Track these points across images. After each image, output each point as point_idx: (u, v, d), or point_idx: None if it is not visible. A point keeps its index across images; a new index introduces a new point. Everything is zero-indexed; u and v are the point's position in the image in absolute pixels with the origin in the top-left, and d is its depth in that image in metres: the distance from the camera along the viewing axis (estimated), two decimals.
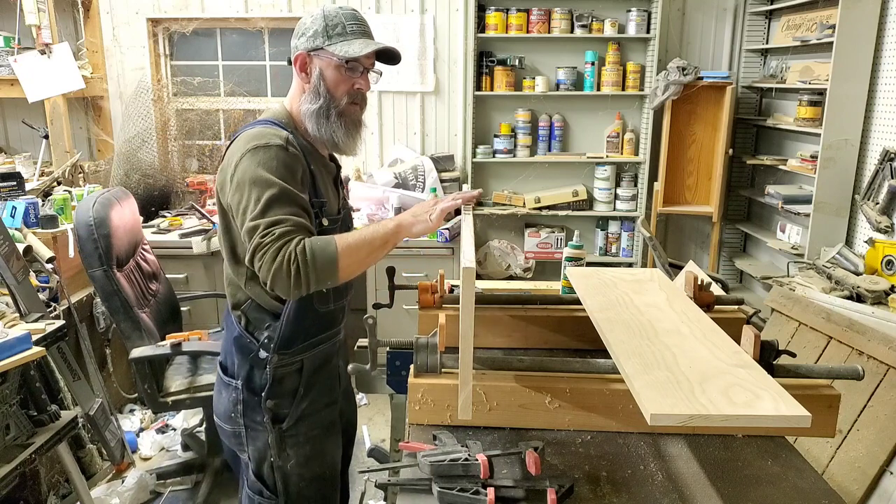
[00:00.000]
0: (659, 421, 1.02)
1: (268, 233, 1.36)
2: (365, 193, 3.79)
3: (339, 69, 1.54)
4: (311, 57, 1.55)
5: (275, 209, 1.38)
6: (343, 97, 1.56)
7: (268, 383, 1.57)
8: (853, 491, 2.13)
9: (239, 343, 1.59)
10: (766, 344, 1.40)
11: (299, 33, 1.56)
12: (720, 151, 3.81)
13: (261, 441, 1.61)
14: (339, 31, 1.53)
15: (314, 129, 1.56)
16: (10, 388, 2.05)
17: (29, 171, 3.51)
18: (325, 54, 1.53)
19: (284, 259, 1.33)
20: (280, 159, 1.44)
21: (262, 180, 1.40)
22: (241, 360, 1.59)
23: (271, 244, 1.35)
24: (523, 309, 1.82)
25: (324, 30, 1.52)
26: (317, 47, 1.53)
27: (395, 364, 1.72)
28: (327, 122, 1.55)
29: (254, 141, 1.45)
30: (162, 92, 3.98)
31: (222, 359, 1.68)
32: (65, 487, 2.57)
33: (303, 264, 1.34)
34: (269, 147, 1.44)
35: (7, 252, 2.29)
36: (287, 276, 1.34)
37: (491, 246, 4.11)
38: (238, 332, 1.58)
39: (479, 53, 3.86)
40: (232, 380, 1.61)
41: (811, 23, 3.36)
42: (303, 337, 1.59)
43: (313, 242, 1.37)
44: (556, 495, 1.16)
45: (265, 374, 1.57)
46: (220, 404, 1.66)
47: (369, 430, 3.29)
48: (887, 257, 2.69)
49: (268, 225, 1.36)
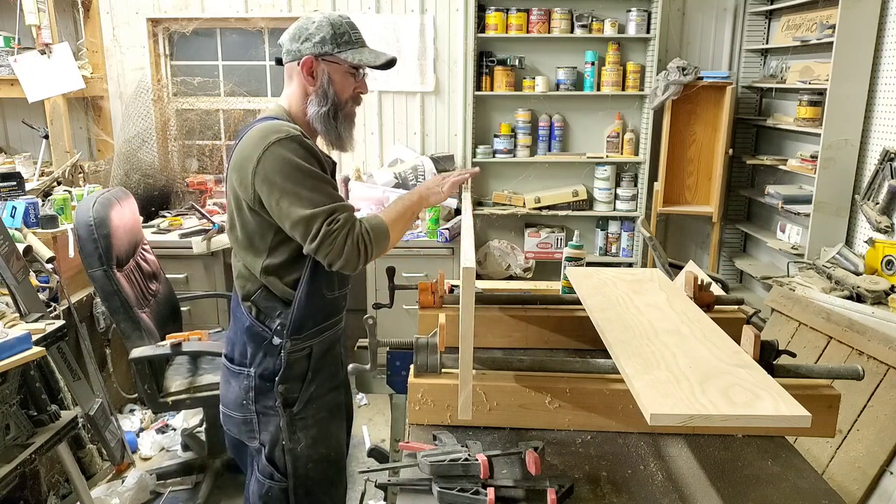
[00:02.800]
0: (659, 421, 1.02)
1: (333, 220, 1.49)
2: (365, 193, 3.79)
3: (347, 74, 1.65)
4: (318, 61, 1.62)
5: (324, 197, 1.51)
6: (348, 100, 1.67)
7: (281, 368, 1.65)
8: (853, 491, 2.13)
9: (251, 332, 1.66)
10: (766, 344, 1.40)
11: (302, 38, 1.62)
12: (720, 151, 3.81)
13: (272, 425, 1.68)
14: (347, 39, 1.63)
15: (322, 129, 1.66)
16: (10, 388, 2.05)
17: (29, 171, 3.51)
18: (335, 60, 1.62)
19: (356, 242, 1.50)
20: (306, 147, 1.54)
21: (298, 170, 1.50)
22: (255, 348, 1.66)
23: (339, 231, 1.49)
24: (523, 309, 1.82)
25: (332, 37, 1.61)
26: (325, 53, 1.61)
27: (395, 364, 1.73)
28: (335, 122, 1.65)
29: (274, 134, 1.51)
30: (162, 92, 3.98)
31: (228, 351, 1.75)
32: (65, 487, 2.57)
33: (369, 243, 1.52)
34: (293, 138, 1.52)
35: (7, 252, 2.29)
36: (358, 256, 1.51)
37: (491, 246, 4.11)
38: (250, 322, 1.66)
39: (479, 53, 3.86)
40: (243, 368, 1.69)
41: (811, 23, 3.36)
42: (312, 322, 1.67)
43: (370, 222, 1.55)
44: (556, 495, 1.16)
45: (278, 360, 1.65)
46: (229, 393, 1.73)
47: (369, 430, 3.29)
48: (887, 257, 2.69)
49: (328, 213, 1.49)
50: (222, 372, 1.78)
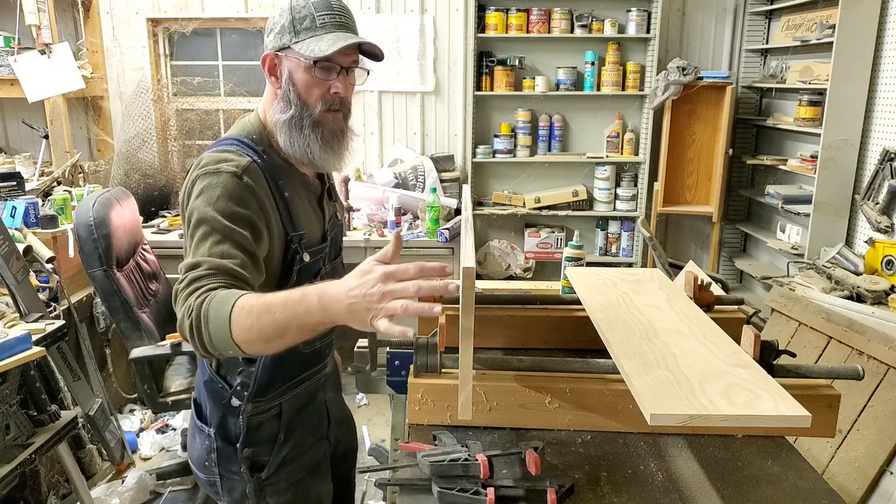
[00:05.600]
0: (659, 421, 1.02)
1: (184, 277, 1.14)
2: (365, 193, 3.79)
3: (310, 71, 1.29)
4: (279, 58, 1.32)
5: (201, 248, 1.17)
6: (317, 104, 1.32)
7: (242, 432, 1.39)
8: (853, 491, 2.13)
9: (210, 387, 1.41)
10: (766, 344, 1.40)
11: (267, 30, 1.35)
12: (720, 151, 3.81)
13: (237, 492, 1.43)
14: (308, 25, 1.28)
15: (286, 142, 1.32)
16: (10, 388, 2.05)
17: (29, 171, 3.51)
18: (293, 54, 1.30)
19: (185, 312, 1.10)
20: (227, 189, 1.22)
21: (198, 213, 1.21)
22: (213, 405, 1.42)
23: (182, 290, 1.13)
24: (523, 309, 1.82)
25: (290, 24, 1.29)
26: (283, 46, 1.30)
27: (395, 364, 1.72)
28: (300, 133, 1.32)
29: (206, 166, 1.25)
30: (162, 92, 3.98)
31: (196, 394, 1.50)
32: (65, 487, 2.57)
33: (196, 320, 1.08)
34: (219, 174, 1.23)
35: (7, 252, 2.29)
36: (189, 333, 1.09)
37: (491, 246, 4.11)
38: (209, 376, 1.40)
39: (479, 53, 3.86)
40: (205, 426, 1.44)
41: (811, 23, 3.36)
42: (281, 381, 1.40)
43: (213, 301, 1.08)
44: (556, 495, 1.16)
45: (239, 422, 1.39)
46: (193, 450, 1.49)
47: (369, 430, 3.29)
48: (887, 257, 2.69)
49: (186, 268, 1.15)
50: (190, 421, 1.52)
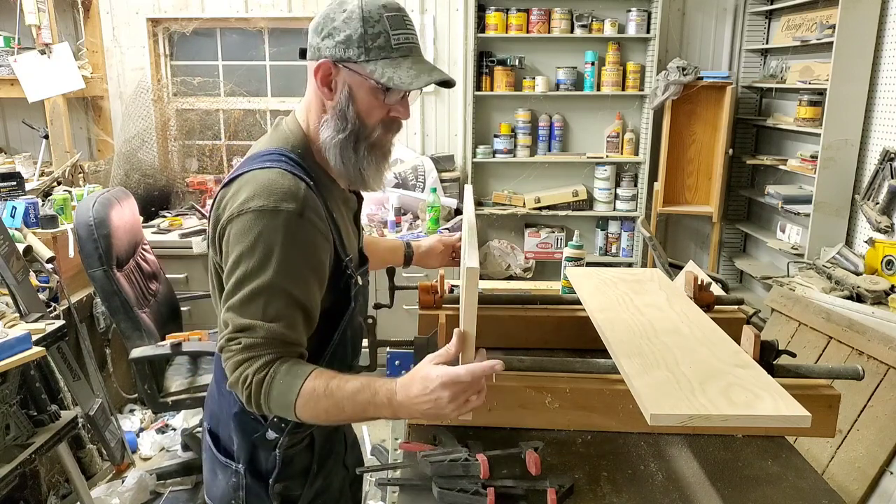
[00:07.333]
0: (659, 421, 1.02)
1: (234, 339, 1.12)
2: (365, 193, 3.79)
3: (376, 94, 1.18)
4: (337, 69, 1.18)
5: (253, 307, 1.12)
6: (377, 126, 1.22)
7: (276, 466, 1.30)
8: (853, 491, 2.13)
9: (239, 420, 1.29)
10: (766, 344, 1.40)
11: (324, 31, 1.18)
12: (720, 151, 3.81)
13: None
14: (382, 45, 1.15)
15: (337, 162, 1.22)
16: (10, 388, 2.05)
17: (29, 171, 3.51)
18: (360, 70, 1.16)
19: (240, 379, 1.11)
20: (288, 234, 1.12)
21: (254, 260, 1.12)
22: (242, 439, 1.31)
23: (235, 354, 1.12)
24: (523, 309, 1.82)
25: (360, 38, 1.15)
26: (348, 59, 1.16)
27: (395, 364, 1.72)
28: (356, 155, 1.22)
29: (260, 200, 1.12)
30: (162, 92, 3.98)
31: (211, 424, 1.39)
32: (65, 487, 2.57)
33: (256, 396, 1.11)
34: (277, 214, 1.12)
35: (7, 252, 2.29)
36: (246, 400, 1.13)
37: (491, 246, 4.11)
38: (239, 408, 1.26)
39: (479, 53, 3.86)
40: (230, 462, 1.33)
41: (811, 23, 3.36)
42: None
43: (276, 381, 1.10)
44: (556, 495, 1.16)
45: (273, 456, 1.29)
46: (215, 488, 1.37)
47: (369, 430, 3.29)
48: (887, 257, 2.69)
49: (237, 329, 1.12)
50: (206, 454, 1.40)
